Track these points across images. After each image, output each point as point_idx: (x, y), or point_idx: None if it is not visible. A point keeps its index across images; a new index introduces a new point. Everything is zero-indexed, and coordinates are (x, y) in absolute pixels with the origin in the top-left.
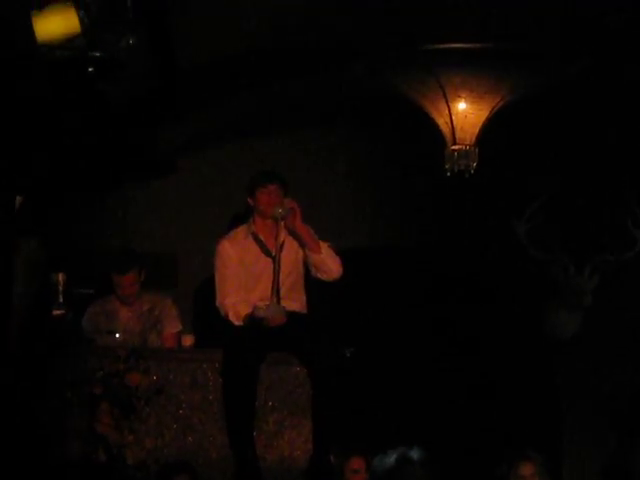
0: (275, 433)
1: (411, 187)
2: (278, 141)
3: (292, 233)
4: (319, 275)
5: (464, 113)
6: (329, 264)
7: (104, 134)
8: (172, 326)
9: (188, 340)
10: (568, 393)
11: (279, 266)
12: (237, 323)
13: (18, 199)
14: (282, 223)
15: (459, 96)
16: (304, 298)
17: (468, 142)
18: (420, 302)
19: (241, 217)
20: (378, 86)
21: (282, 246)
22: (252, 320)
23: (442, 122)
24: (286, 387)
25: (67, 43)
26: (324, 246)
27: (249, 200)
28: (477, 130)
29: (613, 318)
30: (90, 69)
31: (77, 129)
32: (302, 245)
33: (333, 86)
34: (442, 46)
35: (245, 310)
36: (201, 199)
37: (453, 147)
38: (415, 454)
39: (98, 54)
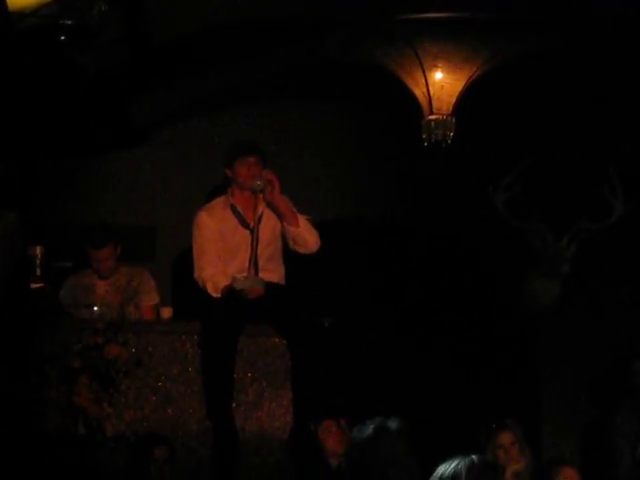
0: (254, 404)
1: (388, 158)
2: (253, 113)
3: (270, 205)
4: (297, 248)
5: (441, 83)
6: (307, 237)
7: (76, 103)
8: (150, 298)
9: (166, 312)
10: (547, 362)
11: (257, 238)
12: (215, 295)
13: None
14: (260, 195)
15: (436, 66)
16: (282, 270)
17: (445, 112)
18: (398, 272)
19: (219, 189)
20: (354, 57)
21: (260, 218)
22: (230, 292)
23: (419, 92)
24: (265, 358)
25: (38, 11)
26: (302, 219)
27: (227, 172)
28: (454, 100)
29: (592, 287)
30: (62, 37)
31: (49, 98)
32: (280, 218)
33: (308, 59)
34: (419, 16)
35: (223, 282)
36: (179, 171)
37: (430, 117)
38: (393, 424)
39: (69, 22)
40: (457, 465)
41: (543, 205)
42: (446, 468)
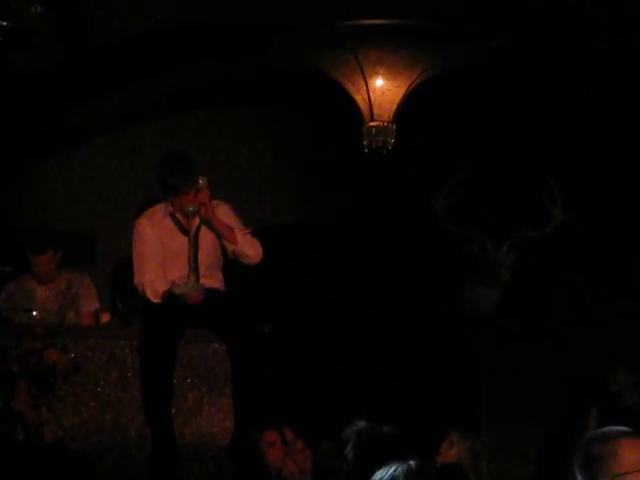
0: (194, 410)
1: (329, 164)
2: (196, 120)
3: (207, 224)
4: (238, 260)
5: (381, 89)
6: (246, 252)
7: (11, 104)
8: (90, 304)
9: (105, 318)
10: (486, 370)
11: (196, 245)
12: (155, 300)
13: None
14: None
15: (376, 72)
16: (222, 277)
17: (386, 118)
18: (339, 279)
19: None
20: (295, 63)
21: (200, 226)
22: (170, 297)
23: (359, 98)
24: (205, 364)
25: None
26: (240, 235)
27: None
28: (394, 106)
29: (531, 294)
30: None
31: None
32: (218, 236)
33: (251, 65)
34: (359, 23)
35: (163, 287)
36: (120, 176)
37: (371, 123)
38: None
39: (5, 23)
40: (395, 470)
41: (483, 213)
42: (383, 474)
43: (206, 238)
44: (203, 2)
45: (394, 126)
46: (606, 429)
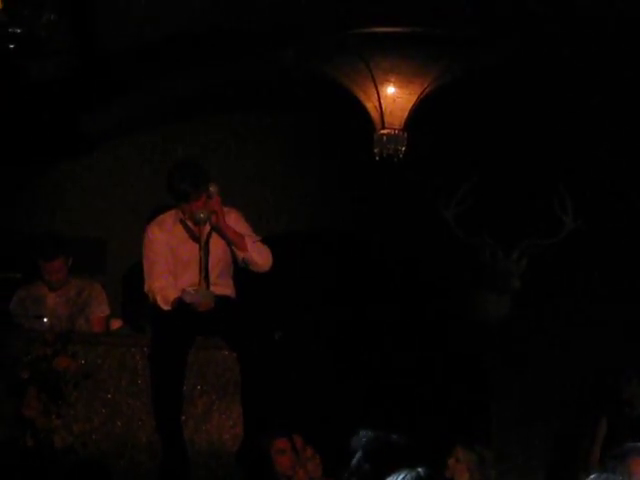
0: (204, 417)
1: (340, 172)
2: (206, 126)
3: (217, 232)
4: (247, 267)
5: (393, 97)
6: (256, 259)
7: (24, 111)
8: (100, 310)
9: (117, 324)
10: (496, 378)
11: (207, 252)
12: (166, 308)
13: None
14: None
15: (388, 80)
16: (233, 284)
17: (397, 126)
18: (349, 285)
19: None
20: (307, 70)
21: (211, 233)
22: (181, 304)
23: (371, 106)
24: (215, 371)
25: None
26: (250, 242)
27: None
28: (406, 114)
29: (542, 302)
30: (10, 45)
31: None
32: (228, 243)
33: (261, 71)
34: (371, 30)
35: (173, 294)
36: (131, 182)
37: (382, 131)
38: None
39: (18, 30)
40: (403, 478)
41: (493, 220)
42: None
43: (217, 245)
44: (214, 7)
45: (405, 134)
46: (625, 446)
